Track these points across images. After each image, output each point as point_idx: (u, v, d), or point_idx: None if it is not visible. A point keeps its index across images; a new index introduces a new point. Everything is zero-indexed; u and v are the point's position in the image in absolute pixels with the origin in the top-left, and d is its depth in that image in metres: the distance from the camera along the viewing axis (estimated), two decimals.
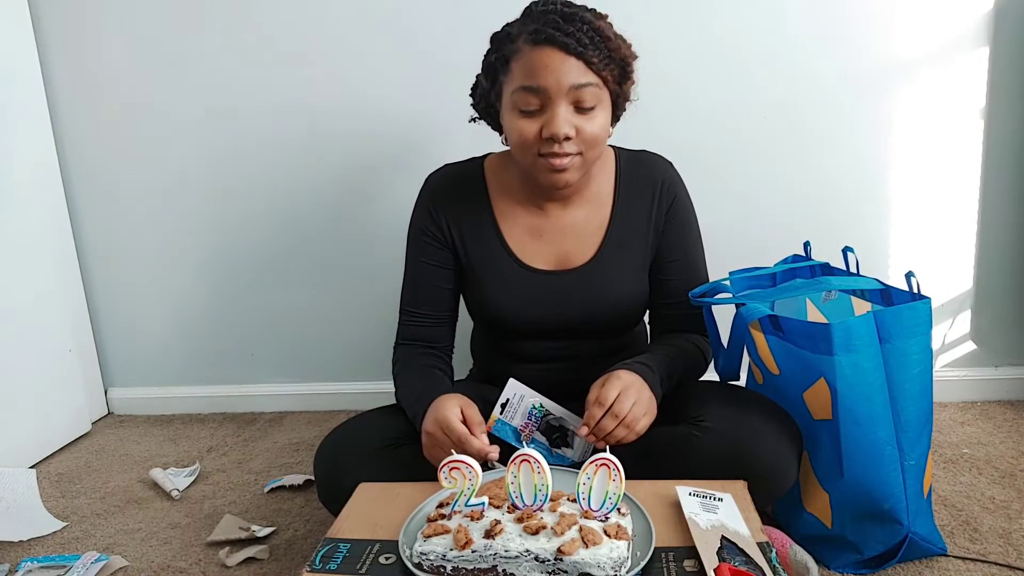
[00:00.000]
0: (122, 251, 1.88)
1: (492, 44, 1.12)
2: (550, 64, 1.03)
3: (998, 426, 1.60)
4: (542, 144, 1.07)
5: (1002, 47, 1.59)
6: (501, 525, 0.81)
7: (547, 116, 1.05)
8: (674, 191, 1.22)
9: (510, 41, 1.07)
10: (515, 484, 0.84)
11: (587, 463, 0.84)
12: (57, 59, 1.78)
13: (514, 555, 0.78)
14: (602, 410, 1.00)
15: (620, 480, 0.83)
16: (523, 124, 1.06)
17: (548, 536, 0.79)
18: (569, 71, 1.03)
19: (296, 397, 1.91)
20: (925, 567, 1.11)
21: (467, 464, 0.84)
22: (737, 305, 1.13)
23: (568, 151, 1.06)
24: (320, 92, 1.73)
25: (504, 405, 1.17)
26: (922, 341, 1.05)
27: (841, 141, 1.65)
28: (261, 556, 1.23)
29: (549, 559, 0.77)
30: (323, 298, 1.84)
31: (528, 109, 1.06)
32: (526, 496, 0.84)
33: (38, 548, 1.31)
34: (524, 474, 0.84)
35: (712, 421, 1.05)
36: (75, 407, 1.83)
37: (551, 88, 1.03)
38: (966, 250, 1.69)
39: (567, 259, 1.20)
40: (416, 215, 1.24)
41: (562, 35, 1.02)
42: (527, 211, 1.21)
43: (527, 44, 1.05)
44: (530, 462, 0.83)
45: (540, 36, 1.03)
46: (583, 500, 0.84)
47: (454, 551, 0.79)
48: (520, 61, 1.05)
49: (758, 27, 1.61)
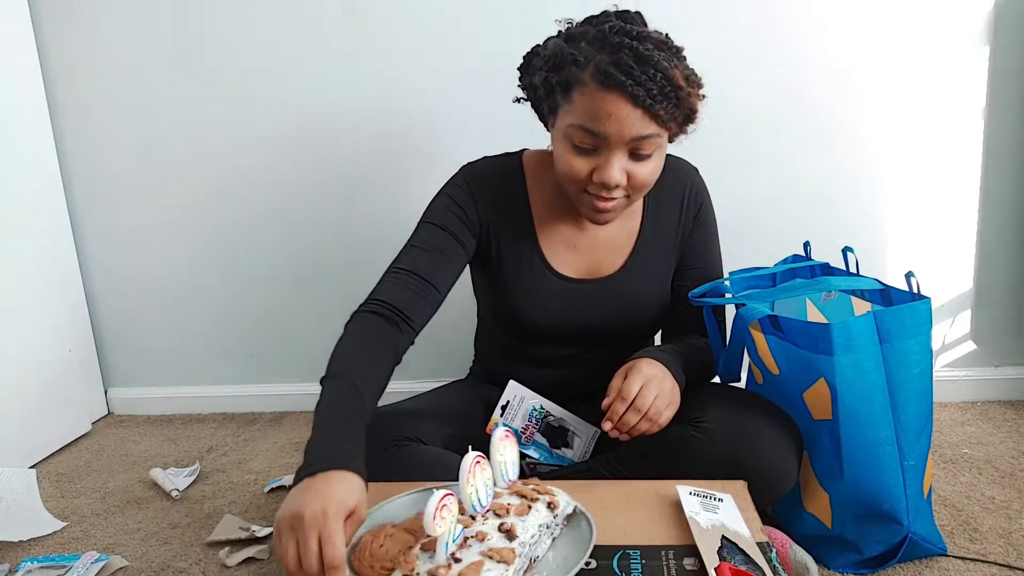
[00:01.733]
0: (122, 251, 1.88)
1: (555, 57, 1.03)
2: (615, 113, 0.98)
3: (998, 426, 1.60)
4: (590, 184, 1.04)
5: (1002, 47, 1.59)
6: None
7: (600, 160, 1.02)
8: (701, 198, 1.23)
9: (576, 67, 1.00)
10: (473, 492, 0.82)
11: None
12: (57, 59, 1.78)
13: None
14: (625, 404, 0.99)
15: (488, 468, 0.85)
16: (575, 161, 1.03)
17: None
18: (633, 123, 0.98)
19: (296, 397, 1.91)
20: (925, 567, 1.11)
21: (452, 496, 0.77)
22: (737, 305, 1.13)
23: (616, 196, 1.05)
24: (321, 92, 1.73)
25: (505, 407, 1.18)
26: (922, 341, 1.05)
27: (841, 141, 1.65)
28: (261, 556, 1.23)
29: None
30: (323, 298, 1.84)
31: (583, 147, 1.02)
32: (483, 499, 0.84)
33: (38, 548, 1.31)
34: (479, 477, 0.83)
35: (712, 422, 1.05)
36: (75, 407, 1.82)
37: (611, 136, 0.99)
38: (966, 250, 1.69)
39: (598, 268, 1.20)
40: (452, 191, 1.18)
41: (633, 84, 0.96)
42: (563, 219, 1.19)
43: (594, 81, 0.98)
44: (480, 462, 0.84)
45: (610, 81, 0.96)
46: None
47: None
48: (584, 97, 0.99)
49: (757, 28, 1.62)
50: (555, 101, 1.05)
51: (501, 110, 1.66)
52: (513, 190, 1.19)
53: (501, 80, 1.65)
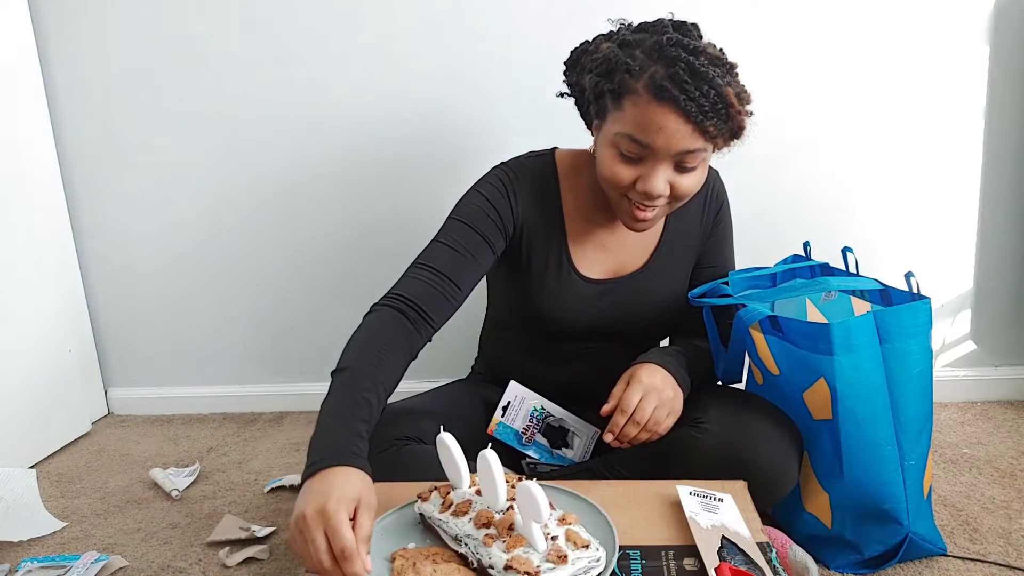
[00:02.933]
0: (122, 251, 1.88)
1: (608, 62, 1.02)
2: (666, 126, 0.98)
3: (998, 426, 1.60)
4: (633, 191, 1.05)
5: (1002, 47, 1.59)
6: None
7: (645, 170, 1.02)
8: (721, 199, 1.25)
9: (630, 75, 0.99)
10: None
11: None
12: (57, 59, 1.78)
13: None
14: (625, 417, 1.00)
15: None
16: (620, 168, 1.04)
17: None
18: (682, 137, 0.99)
19: (296, 397, 1.91)
20: (925, 567, 1.11)
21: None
22: (737, 306, 1.13)
23: (657, 205, 1.06)
24: (321, 93, 1.73)
25: (505, 408, 1.18)
26: (922, 341, 1.05)
27: (841, 141, 1.65)
28: (261, 556, 1.23)
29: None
30: (323, 298, 1.84)
31: (629, 156, 1.03)
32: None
33: (38, 548, 1.31)
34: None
35: (712, 423, 1.05)
36: (75, 407, 1.82)
37: (659, 149, 1.00)
38: (966, 250, 1.69)
39: (622, 267, 1.21)
40: (488, 191, 1.16)
41: (685, 98, 0.96)
42: (595, 221, 1.19)
43: (648, 92, 0.98)
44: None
45: (664, 93, 0.96)
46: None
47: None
48: (636, 107, 0.99)
49: (757, 27, 1.62)
50: (603, 106, 1.05)
51: (508, 110, 1.68)
52: (547, 190, 1.18)
53: (510, 79, 1.66)
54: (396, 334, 1.02)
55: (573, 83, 1.14)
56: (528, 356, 1.25)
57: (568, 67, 1.16)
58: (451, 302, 1.09)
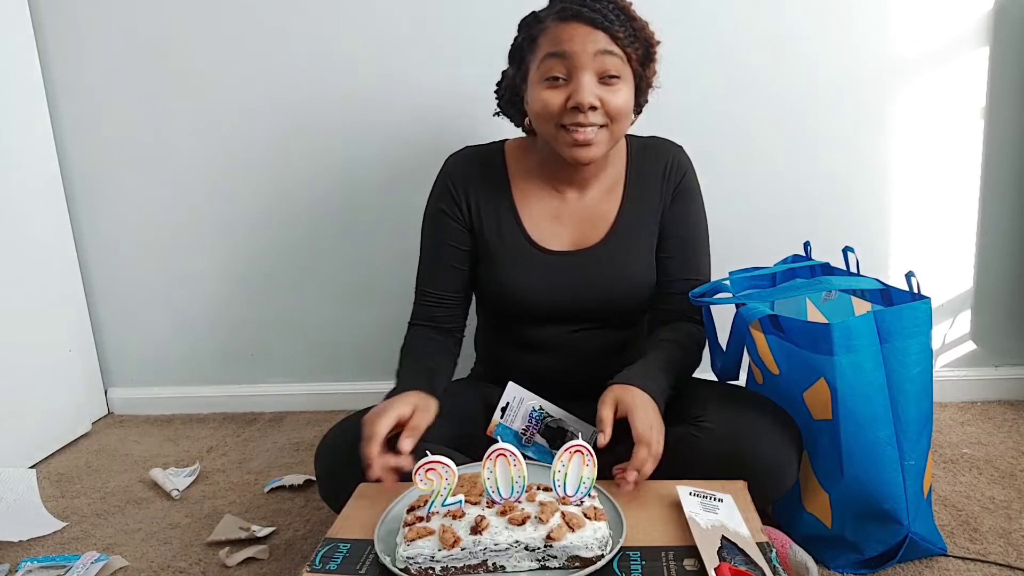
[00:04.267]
0: (122, 251, 1.88)
1: (519, 28, 1.15)
2: (576, 35, 1.06)
3: (998, 426, 1.60)
4: (566, 115, 1.08)
5: (1002, 47, 1.59)
6: (487, 520, 0.80)
7: (572, 86, 1.07)
8: (682, 171, 1.24)
9: (537, 21, 1.11)
10: (491, 479, 0.84)
11: (562, 450, 0.85)
12: (57, 59, 1.78)
13: (504, 547, 0.78)
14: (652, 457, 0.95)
15: (593, 465, 0.85)
16: (548, 94, 1.08)
17: (534, 525, 0.80)
18: (596, 40, 1.06)
19: (296, 397, 1.91)
20: (925, 567, 1.11)
21: (443, 464, 0.83)
22: (737, 305, 1.13)
23: (592, 122, 1.08)
24: (321, 92, 1.73)
25: (504, 409, 1.18)
26: (922, 341, 1.05)
27: (841, 141, 1.65)
28: (261, 556, 1.23)
29: (539, 547, 0.78)
30: (323, 298, 1.84)
31: (553, 77, 1.08)
32: (503, 490, 0.85)
33: (38, 548, 1.31)
34: (500, 468, 0.84)
35: (712, 422, 1.04)
36: (75, 407, 1.82)
37: (576, 55, 1.06)
38: (966, 250, 1.69)
39: (582, 239, 1.21)
40: (435, 194, 1.26)
41: (589, 10, 1.05)
42: (546, 194, 1.22)
43: (554, 20, 1.08)
44: (506, 456, 0.84)
45: (568, 12, 1.06)
46: (559, 487, 0.86)
47: (442, 551, 0.78)
48: (547, 35, 1.09)
49: (758, 27, 1.62)
50: (524, 61, 1.14)
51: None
52: (492, 170, 1.24)
53: None
54: (429, 341, 1.23)
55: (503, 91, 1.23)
56: (515, 347, 1.26)
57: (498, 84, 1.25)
58: (463, 305, 1.27)
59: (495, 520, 0.81)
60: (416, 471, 0.83)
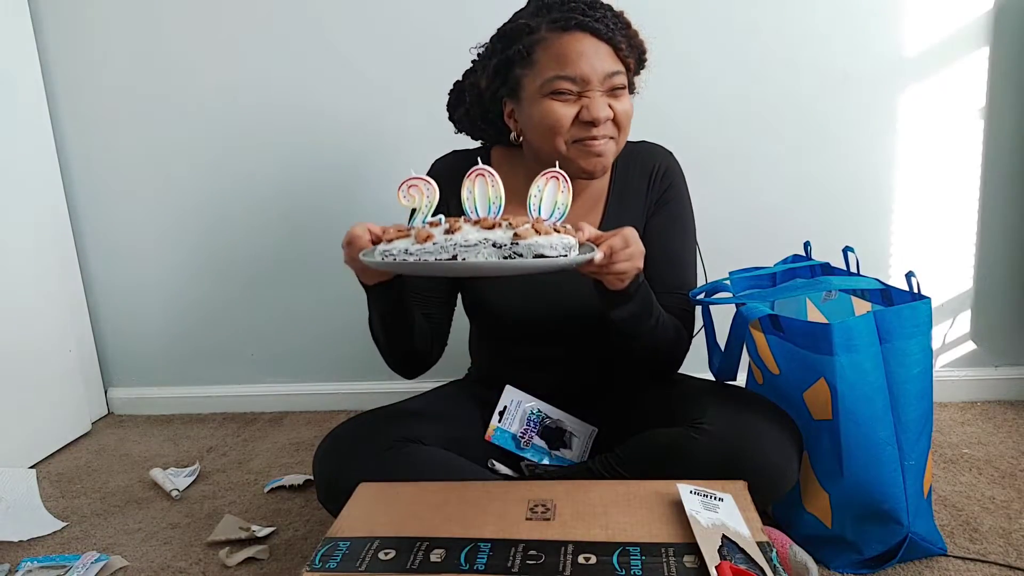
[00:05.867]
0: (122, 251, 1.88)
1: (502, 40, 1.10)
2: (585, 51, 1.03)
3: (998, 426, 1.60)
4: (578, 129, 1.06)
5: (1002, 47, 1.59)
6: (460, 223, 0.85)
7: (584, 101, 1.05)
8: (669, 180, 1.20)
9: (529, 32, 1.06)
10: (470, 198, 0.88)
11: (539, 176, 0.89)
12: (57, 59, 1.78)
13: (473, 243, 0.83)
14: (625, 244, 0.93)
15: (568, 191, 0.89)
16: (560, 109, 1.06)
17: (504, 229, 0.84)
18: (603, 58, 1.04)
19: (296, 397, 1.91)
20: (925, 567, 1.11)
21: (425, 181, 0.88)
22: (737, 305, 1.13)
23: (605, 134, 1.07)
24: (321, 91, 1.73)
25: (502, 413, 1.18)
26: (922, 341, 1.05)
27: (841, 141, 1.65)
28: (261, 556, 1.23)
29: (506, 243, 0.83)
30: (323, 298, 1.84)
31: (563, 96, 1.05)
32: (480, 208, 0.88)
33: (38, 548, 1.31)
34: (479, 188, 0.87)
35: (711, 423, 1.04)
36: (75, 407, 1.83)
37: (588, 75, 1.04)
38: (966, 250, 1.69)
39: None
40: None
41: (592, 20, 1.03)
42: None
43: (553, 31, 1.05)
44: (484, 176, 0.87)
45: (570, 22, 1.03)
46: (534, 210, 0.89)
47: (416, 245, 0.83)
48: (549, 49, 1.05)
49: (758, 27, 1.62)
50: (514, 76, 1.09)
51: None
52: None
53: None
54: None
55: (469, 106, 1.19)
56: (509, 363, 1.24)
57: (453, 104, 1.23)
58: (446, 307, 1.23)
59: (469, 227, 0.85)
60: (400, 187, 0.88)
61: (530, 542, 0.83)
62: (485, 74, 1.14)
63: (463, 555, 0.82)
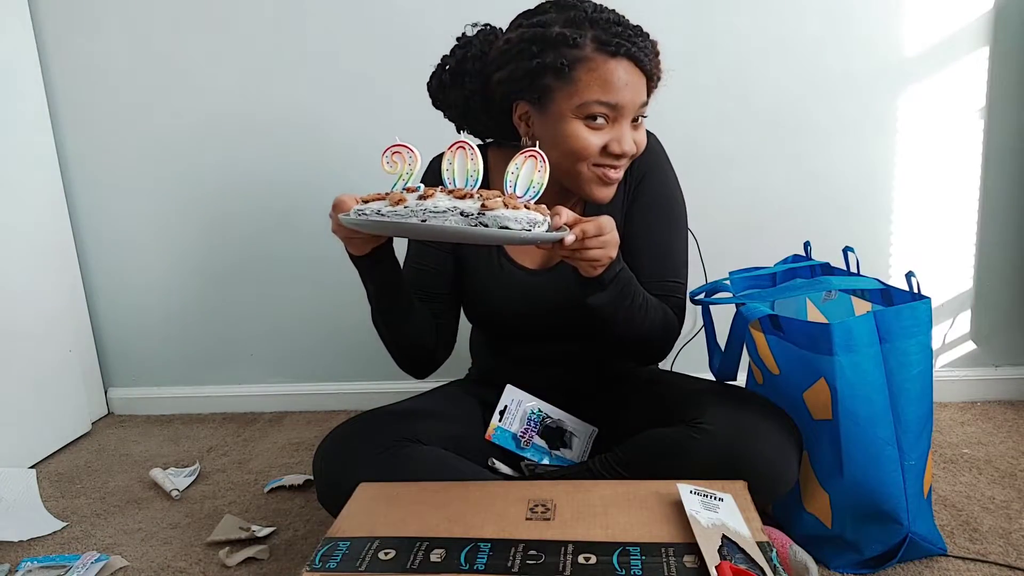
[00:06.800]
0: (122, 251, 1.88)
1: (538, 43, 1.02)
2: (630, 81, 1.02)
3: (998, 426, 1.60)
4: (602, 156, 1.05)
5: (1002, 47, 1.59)
6: (434, 191, 0.87)
7: (615, 131, 1.04)
8: (646, 166, 1.17)
9: (573, 45, 1.00)
10: (450, 170, 0.90)
11: (518, 154, 0.89)
12: (57, 59, 1.78)
13: (442, 210, 0.85)
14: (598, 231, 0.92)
15: (545, 171, 0.89)
16: (591, 136, 1.03)
17: (475, 200, 0.86)
18: (640, 89, 1.04)
19: (296, 397, 1.91)
20: (925, 567, 1.11)
21: (407, 148, 0.90)
22: (737, 305, 1.13)
23: (624, 164, 1.07)
24: (320, 92, 1.74)
25: (503, 412, 1.18)
26: (922, 341, 1.05)
27: (841, 141, 1.66)
28: (261, 556, 1.23)
29: (473, 213, 0.85)
30: (323, 298, 1.85)
31: (594, 116, 1.02)
32: (459, 180, 0.90)
33: (38, 548, 1.31)
34: (459, 160, 0.89)
35: (711, 423, 1.04)
36: (75, 407, 1.83)
37: (627, 106, 1.02)
38: (966, 250, 1.69)
39: (548, 259, 1.18)
40: None
41: (639, 51, 1.01)
42: None
43: (600, 54, 1.00)
44: (465, 149, 0.89)
45: (619, 49, 1.00)
46: (509, 186, 0.90)
47: (388, 207, 0.86)
48: (594, 72, 1.01)
49: (758, 27, 1.62)
50: (545, 86, 1.03)
51: None
52: None
53: None
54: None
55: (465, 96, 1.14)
56: (508, 362, 1.24)
57: (446, 84, 1.16)
58: (450, 303, 1.21)
59: (442, 195, 0.87)
60: (384, 153, 0.90)
61: (530, 542, 0.83)
62: (506, 70, 1.06)
63: (463, 555, 0.82)
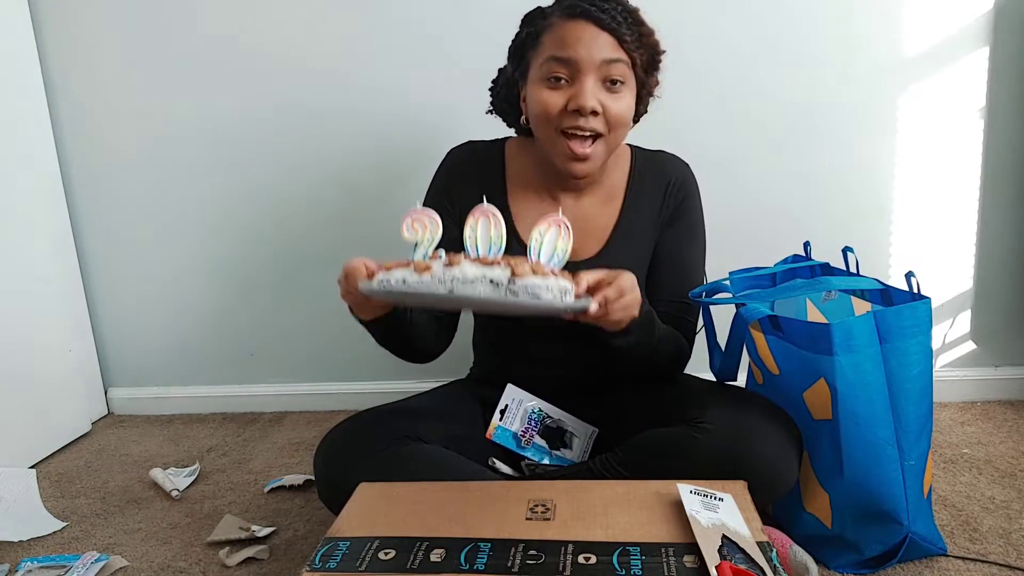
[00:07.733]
0: (122, 252, 1.88)
1: (522, 23, 1.13)
2: (583, 36, 1.04)
3: (998, 426, 1.60)
4: (566, 118, 1.06)
5: (1002, 47, 1.59)
6: (459, 258, 0.86)
7: (575, 89, 1.06)
8: (685, 191, 1.21)
9: (542, 17, 1.09)
10: (472, 236, 0.90)
11: (541, 221, 0.89)
12: (57, 60, 1.78)
13: (471, 279, 0.83)
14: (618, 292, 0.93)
15: (568, 239, 0.89)
16: (549, 95, 1.06)
17: (503, 268, 0.84)
18: (602, 45, 1.04)
19: (296, 397, 1.91)
20: (925, 567, 1.11)
21: (428, 215, 0.89)
22: (737, 305, 1.13)
23: (592, 127, 1.06)
24: (321, 94, 1.73)
25: (503, 411, 1.18)
26: (922, 341, 1.05)
27: (841, 141, 1.66)
28: (261, 556, 1.23)
29: (503, 282, 0.83)
30: (323, 298, 1.84)
31: (556, 78, 1.06)
32: (482, 247, 0.89)
33: (38, 548, 1.31)
34: (482, 227, 0.88)
35: (711, 423, 1.04)
36: (75, 407, 1.82)
37: (582, 59, 1.04)
38: (966, 250, 1.69)
39: (576, 254, 1.18)
40: (433, 188, 1.25)
41: (597, 10, 1.04)
42: (540, 200, 1.20)
43: (560, 18, 1.07)
44: (488, 217, 0.88)
45: (575, 10, 1.05)
46: (533, 254, 0.89)
47: (413, 276, 0.84)
48: (552, 33, 1.07)
49: (758, 27, 1.62)
50: (525, 58, 1.12)
51: None
52: (489, 171, 1.22)
53: None
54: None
55: (499, 89, 1.22)
56: (513, 359, 1.24)
57: (494, 82, 1.24)
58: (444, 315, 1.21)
59: (468, 262, 0.86)
60: (404, 220, 0.89)
61: (530, 542, 0.83)
62: (509, 60, 1.17)
63: (463, 555, 0.82)
